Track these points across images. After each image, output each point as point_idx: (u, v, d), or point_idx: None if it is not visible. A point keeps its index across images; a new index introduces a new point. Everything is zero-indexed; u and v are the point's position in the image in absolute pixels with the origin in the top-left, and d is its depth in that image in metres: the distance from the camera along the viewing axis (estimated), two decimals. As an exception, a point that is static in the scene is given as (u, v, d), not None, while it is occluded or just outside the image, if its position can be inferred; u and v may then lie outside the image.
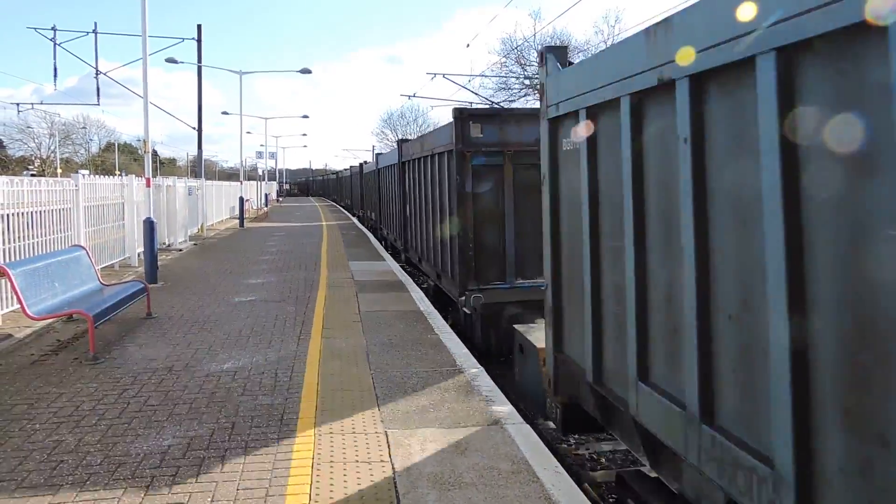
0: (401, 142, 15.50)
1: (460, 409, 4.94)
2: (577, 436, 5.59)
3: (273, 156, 58.34)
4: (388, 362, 6.21)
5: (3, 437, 4.36)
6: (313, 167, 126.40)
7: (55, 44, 22.95)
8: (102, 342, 6.81)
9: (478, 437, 4.38)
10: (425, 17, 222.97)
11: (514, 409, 4.99)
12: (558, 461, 4.09)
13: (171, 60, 24.53)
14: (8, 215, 8.33)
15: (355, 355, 6.46)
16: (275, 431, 4.48)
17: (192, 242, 18.79)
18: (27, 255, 8.46)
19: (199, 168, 25.33)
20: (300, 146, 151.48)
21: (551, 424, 5.58)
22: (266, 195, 45.81)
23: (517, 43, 40.67)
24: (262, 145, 49.80)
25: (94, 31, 22.99)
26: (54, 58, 23.45)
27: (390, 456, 4.09)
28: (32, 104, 32.14)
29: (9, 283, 6.45)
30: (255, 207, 38.08)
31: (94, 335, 6.31)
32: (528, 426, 4.65)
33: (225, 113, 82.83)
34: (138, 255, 13.64)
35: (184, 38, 24.38)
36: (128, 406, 4.98)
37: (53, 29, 22.82)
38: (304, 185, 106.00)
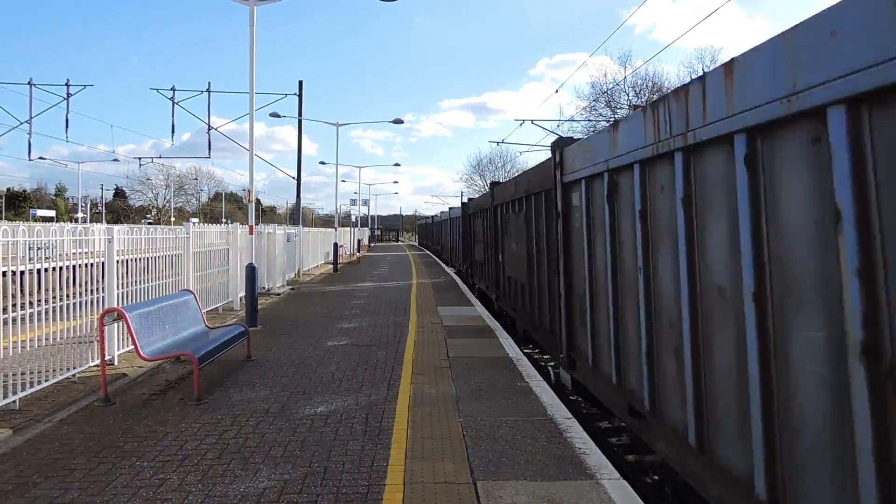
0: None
1: (552, 461, 4.77)
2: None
3: (365, 203, 60.47)
4: (477, 410, 6.13)
5: (113, 473, 4.61)
6: (403, 213, 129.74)
7: (173, 102, 25.06)
8: (206, 383, 7.14)
9: (571, 492, 4.20)
10: (511, 66, 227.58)
11: (610, 463, 4.76)
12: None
13: (274, 115, 26.15)
14: (127, 261, 9.01)
15: (444, 402, 6.42)
16: (365, 478, 4.49)
17: (290, 287, 19.56)
18: (142, 298, 9.09)
19: (297, 216, 26.54)
20: (391, 193, 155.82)
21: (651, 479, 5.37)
22: (358, 241, 47.27)
23: (606, 87, 40.54)
24: (355, 193, 51.83)
25: (208, 91, 25.00)
26: (172, 115, 25.57)
27: (480, 509, 3.98)
28: (152, 158, 34.85)
29: (125, 325, 6.91)
30: (347, 253, 39.33)
31: (199, 377, 6.63)
32: (624, 482, 4.41)
33: (322, 163, 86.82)
34: (240, 299, 14.32)
35: (286, 94, 25.90)
36: (227, 447, 5.16)
37: (173, 89, 24.97)
38: (396, 231, 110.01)
